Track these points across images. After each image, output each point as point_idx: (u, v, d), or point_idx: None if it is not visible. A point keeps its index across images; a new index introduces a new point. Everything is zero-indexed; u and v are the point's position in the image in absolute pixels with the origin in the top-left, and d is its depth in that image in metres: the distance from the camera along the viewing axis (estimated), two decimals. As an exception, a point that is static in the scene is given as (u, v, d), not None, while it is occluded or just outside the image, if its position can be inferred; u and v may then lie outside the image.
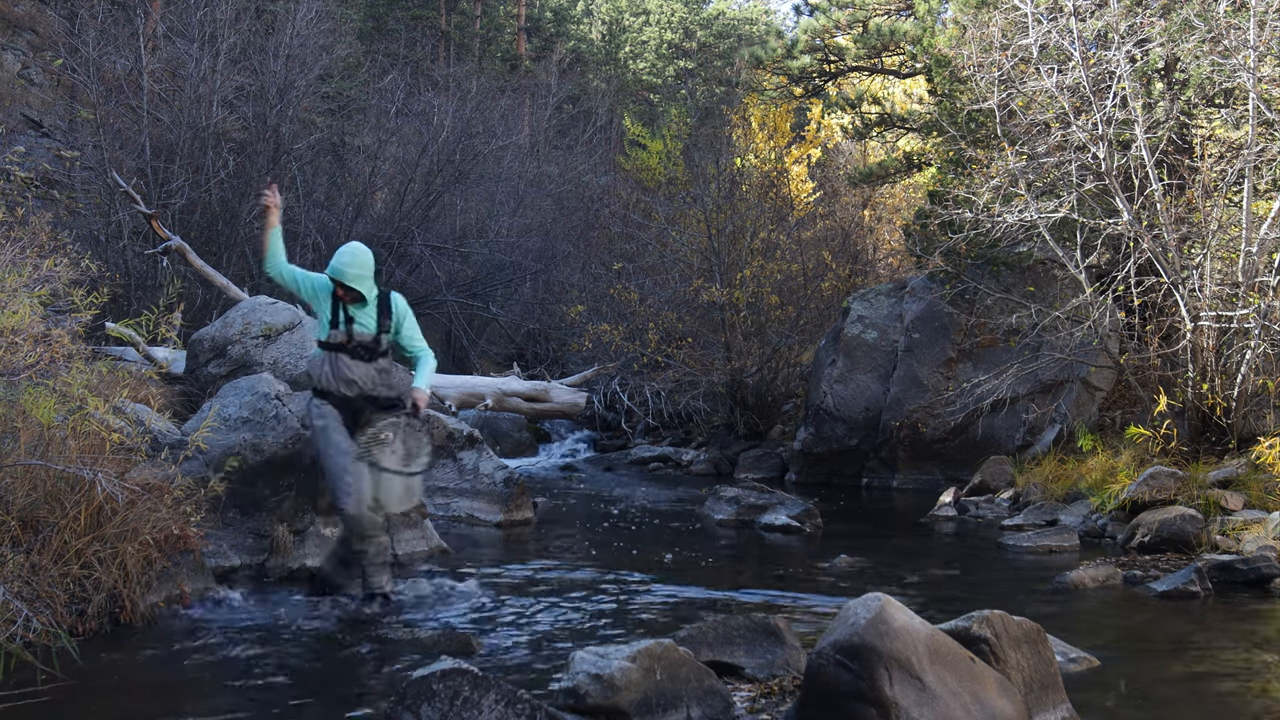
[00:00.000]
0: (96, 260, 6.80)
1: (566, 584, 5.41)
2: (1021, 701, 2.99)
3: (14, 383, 4.41)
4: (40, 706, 3.28)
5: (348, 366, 4.87)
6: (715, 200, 13.08)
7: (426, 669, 2.83)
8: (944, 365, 10.47)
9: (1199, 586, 5.21)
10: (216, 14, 14.25)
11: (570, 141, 25.89)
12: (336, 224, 15.91)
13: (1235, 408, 7.68)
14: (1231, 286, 7.69)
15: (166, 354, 8.56)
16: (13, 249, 5.34)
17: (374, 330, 4.92)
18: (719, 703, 3.18)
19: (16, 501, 4.04)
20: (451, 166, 17.02)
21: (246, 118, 14.71)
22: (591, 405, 14.45)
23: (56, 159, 14.54)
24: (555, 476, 11.39)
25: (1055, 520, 7.53)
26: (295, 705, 3.43)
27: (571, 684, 3.05)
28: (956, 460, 10.13)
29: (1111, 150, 7.91)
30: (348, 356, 4.88)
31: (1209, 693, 3.67)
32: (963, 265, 10.07)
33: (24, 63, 17.65)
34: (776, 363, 12.61)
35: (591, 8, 37.18)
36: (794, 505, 7.77)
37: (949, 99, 9.82)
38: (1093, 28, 8.16)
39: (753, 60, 14.88)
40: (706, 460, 12.11)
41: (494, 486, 7.65)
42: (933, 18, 11.89)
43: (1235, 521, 6.46)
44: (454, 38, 30.20)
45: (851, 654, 2.80)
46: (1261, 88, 7.35)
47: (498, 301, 17.40)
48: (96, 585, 4.11)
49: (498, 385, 12.48)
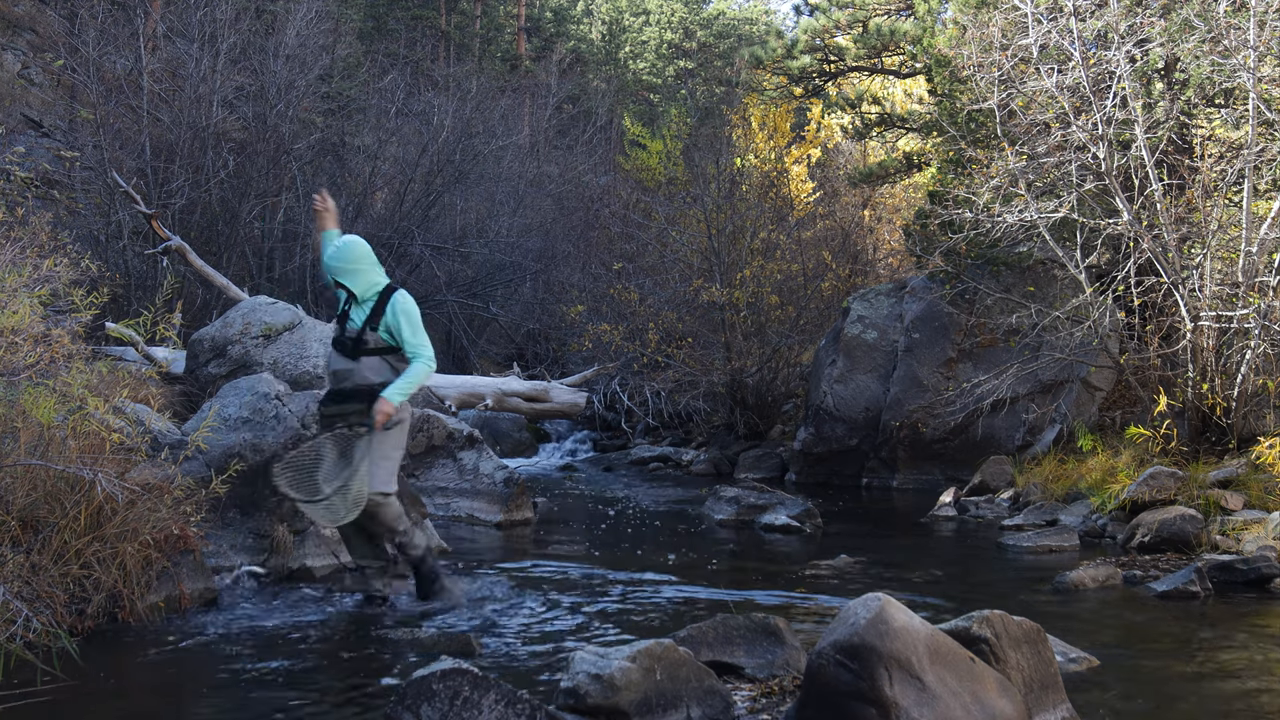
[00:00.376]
0: (96, 260, 6.81)
1: (566, 584, 5.41)
2: (1021, 701, 2.99)
3: (14, 383, 4.41)
4: (40, 706, 3.28)
5: (335, 359, 4.82)
6: (715, 200, 13.08)
7: (426, 669, 2.83)
8: (944, 365, 10.47)
9: (1199, 586, 5.21)
10: (216, 14, 14.26)
11: (570, 141, 25.89)
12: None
13: (1235, 408, 7.67)
14: (1231, 286, 7.69)
15: (166, 354, 8.57)
16: (13, 249, 5.34)
17: (359, 325, 4.75)
18: (719, 703, 3.18)
19: (16, 501, 4.04)
20: (451, 166, 17.03)
21: (246, 118, 14.72)
22: (591, 405, 14.45)
23: (56, 159, 14.55)
24: (555, 476, 11.39)
25: (1055, 520, 7.53)
26: (295, 705, 3.43)
27: (571, 684, 3.05)
28: (956, 460, 10.13)
29: (1111, 150, 7.91)
30: (335, 350, 4.81)
31: (1209, 692, 3.67)
32: (963, 265, 10.07)
33: (24, 63, 17.65)
34: (776, 363, 12.61)
35: (591, 8, 37.20)
36: (794, 505, 7.77)
37: (949, 99, 9.82)
38: (1093, 28, 8.16)
39: (753, 60, 14.88)
40: (706, 460, 12.11)
41: (494, 486, 7.65)
42: (933, 18, 11.89)
43: (1235, 521, 6.46)
44: (454, 38, 30.20)
45: (851, 654, 2.80)
46: (1261, 88, 7.35)
47: (498, 301, 17.40)
48: (96, 585, 4.11)
49: (498, 385, 12.48)
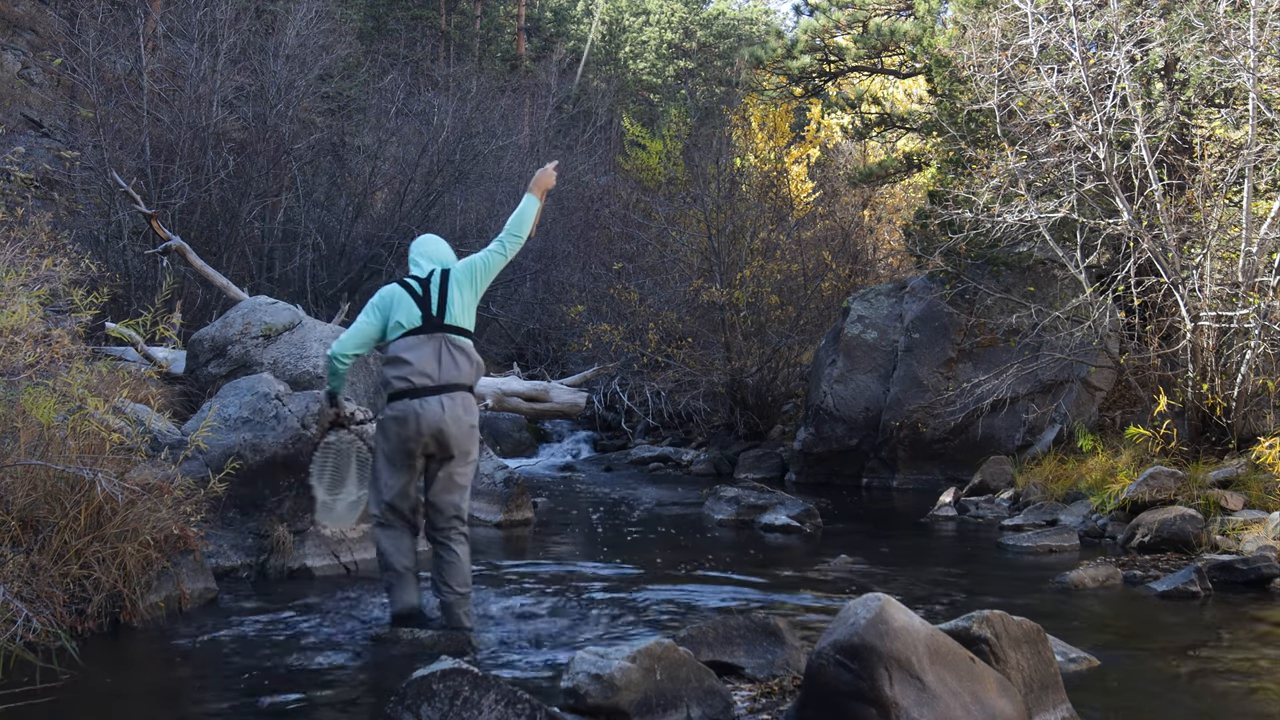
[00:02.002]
0: (96, 260, 6.82)
1: (566, 584, 5.41)
2: (1021, 701, 2.99)
3: (14, 383, 4.41)
4: (40, 706, 3.28)
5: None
6: (715, 200, 13.08)
7: (426, 669, 2.83)
8: (944, 365, 10.47)
9: (1199, 586, 5.21)
10: (216, 14, 14.26)
11: (570, 141, 25.89)
12: (336, 224, 15.92)
13: (1235, 408, 7.67)
14: (1231, 286, 7.69)
15: (166, 354, 8.57)
16: (12, 249, 5.34)
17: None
18: (719, 703, 3.18)
19: (16, 501, 4.04)
20: (451, 166, 17.04)
21: (246, 118, 14.72)
22: (591, 405, 14.45)
23: (56, 159, 14.55)
24: (555, 476, 11.39)
25: (1055, 520, 7.53)
26: (295, 705, 3.43)
27: (571, 684, 3.05)
28: (956, 460, 10.13)
29: (1111, 150, 7.91)
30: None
31: (1209, 692, 3.67)
32: (963, 265, 10.07)
33: (24, 63, 17.65)
34: (776, 363, 12.61)
35: (591, 8, 37.19)
36: (794, 505, 7.77)
37: (949, 99, 9.82)
38: (1093, 28, 8.16)
39: (753, 60, 14.89)
40: (706, 460, 12.11)
41: (494, 486, 7.65)
42: (933, 18, 11.89)
43: (1235, 521, 6.46)
44: (454, 38, 30.20)
45: (851, 654, 2.80)
46: (1261, 88, 7.35)
47: (498, 301, 17.40)
48: (96, 585, 4.11)
49: (498, 385, 12.48)
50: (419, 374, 4.12)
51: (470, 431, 4.19)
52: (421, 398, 4.11)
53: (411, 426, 4.11)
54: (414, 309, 4.22)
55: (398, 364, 4.16)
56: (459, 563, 4.22)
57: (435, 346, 4.17)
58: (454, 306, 4.23)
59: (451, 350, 4.18)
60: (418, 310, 4.21)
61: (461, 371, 4.18)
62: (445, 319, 4.21)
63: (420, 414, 4.09)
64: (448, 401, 4.12)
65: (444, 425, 4.10)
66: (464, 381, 4.18)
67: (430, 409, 4.10)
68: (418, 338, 4.18)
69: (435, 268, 4.36)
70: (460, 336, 4.22)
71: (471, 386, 4.23)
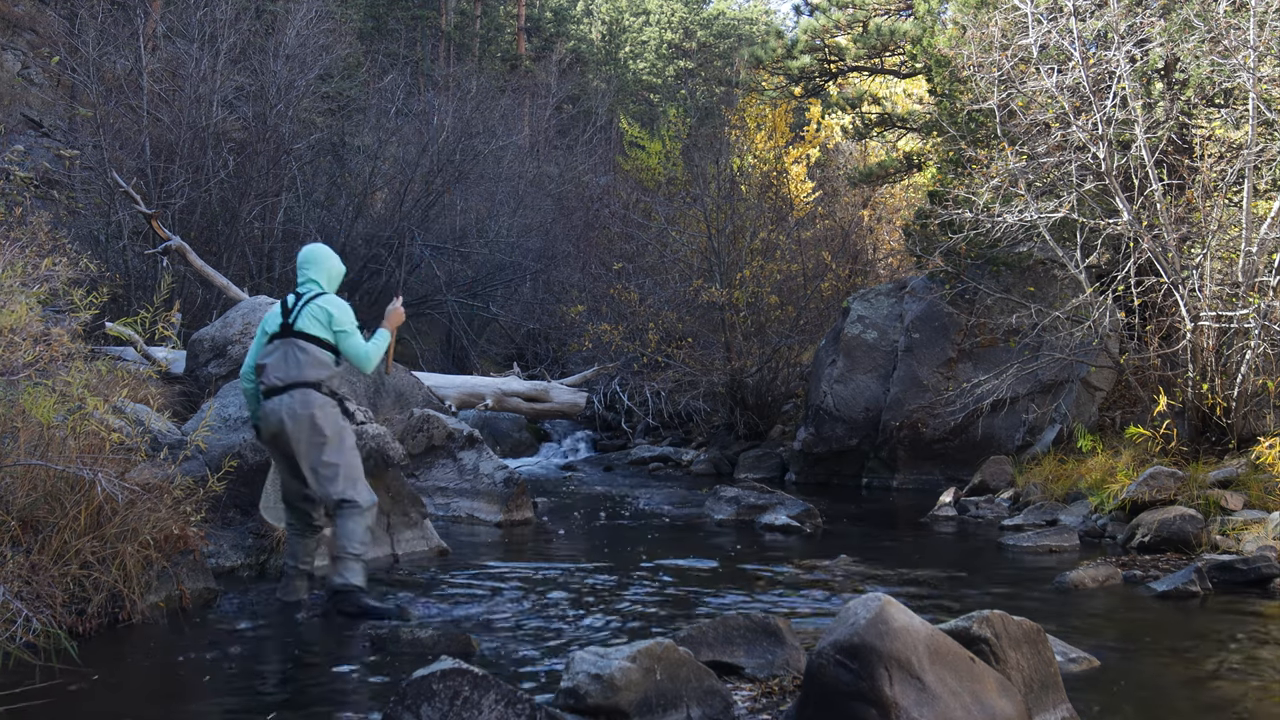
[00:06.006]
0: (96, 260, 6.82)
1: (566, 584, 5.41)
2: (1021, 701, 2.99)
3: (14, 382, 4.41)
4: (40, 706, 3.28)
5: None
6: (715, 200, 13.08)
7: (426, 669, 2.82)
8: (944, 365, 10.47)
9: (1199, 586, 5.21)
10: (216, 14, 14.26)
11: (570, 141, 25.90)
12: (336, 224, 15.92)
13: (1235, 408, 7.67)
14: (1231, 286, 7.69)
15: (166, 354, 8.58)
16: (12, 248, 5.34)
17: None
18: (719, 703, 3.18)
19: (16, 501, 4.04)
20: (451, 166, 17.04)
21: (246, 118, 14.72)
22: (591, 405, 14.45)
23: (56, 159, 14.56)
24: (555, 476, 11.39)
25: (1055, 520, 7.53)
26: (295, 705, 3.43)
27: (571, 684, 3.04)
28: (956, 460, 10.13)
29: (1111, 150, 7.91)
30: None
31: (1209, 692, 3.67)
32: (963, 265, 10.07)
33: (24, 63, 17.65)
34: (776, 363, 12.61)
35: (591, 8, 37.20)
36: (794, 505, 7.77)
37: (949, 99, 9.82)
38: (1093, 28, 8.16)
39: (753, 60, 14.89)
40: (706, 460, 12.11)
41: (494, 486, 7.65)
42: (933, 18, 11.88)
43: (1235, 521, 6.46)
44: (454, 38, 30.20)
45: (851, 654, 2.80)
46: (1261, 88, 7.35)
47: (498, 301, 17.40)
48: (96, 585, 4.10)
49: (498, 385, 12.49)
50: (272, 376, 4.54)
51: (309, 422, 4.49)
52: (272, 398, 4.53)
53: (265, 427, 4.58)
54: (277, 318, 4.66)
55: (260, 370, 4.61)
56: (343, 528, 4.56)
57: (284, 350, 4.57)
58: (304, 320, 4.61)
59: (295, 351, 4.55)
60: (280, 319, 4.64)
61: (304, 369, 4.53)
62: (295, 326, 4.60)
63: (268, 413, 4.53)
64: (287, 399, 4.50)
65: (283, 420, 4.48)
66: (305, 379, 4.52)
67: (271, 408, 4.52)
68: (275, 343, 4.60)
69: (312, 288, 4.73)
70: (306, 342, 4.57)
71: (316, 383, 4.54)
